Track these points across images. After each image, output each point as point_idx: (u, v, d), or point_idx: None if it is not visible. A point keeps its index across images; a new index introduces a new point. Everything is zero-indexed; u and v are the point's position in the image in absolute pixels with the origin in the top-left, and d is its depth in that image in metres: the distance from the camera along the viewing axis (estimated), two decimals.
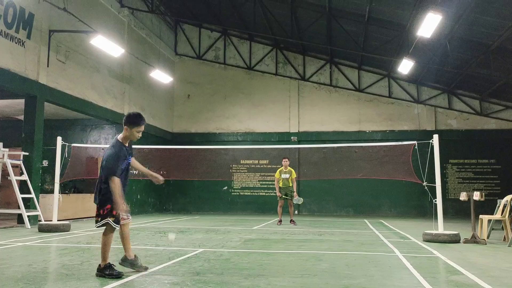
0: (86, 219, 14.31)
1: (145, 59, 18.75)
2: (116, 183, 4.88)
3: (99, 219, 5.03)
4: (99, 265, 5.07)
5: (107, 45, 13.32)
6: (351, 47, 18.08)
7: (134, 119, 5.19)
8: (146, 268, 5.35)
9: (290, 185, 12.99)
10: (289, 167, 13.11)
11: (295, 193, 13.09)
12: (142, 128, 5.23)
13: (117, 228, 5.13)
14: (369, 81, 20.64)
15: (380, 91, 20.51)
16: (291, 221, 13.00)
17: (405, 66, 15.44)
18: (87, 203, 14.77)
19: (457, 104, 20.01)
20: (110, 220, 5.01)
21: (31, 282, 4.68)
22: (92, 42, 13.10)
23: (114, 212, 5.00)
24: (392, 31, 15.34)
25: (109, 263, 5.04)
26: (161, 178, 5.49)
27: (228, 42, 21.80)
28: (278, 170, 13.22)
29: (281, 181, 13.00)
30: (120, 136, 5.21)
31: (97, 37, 12.87)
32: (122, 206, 4.91)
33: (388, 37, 15.90)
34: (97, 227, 5.08)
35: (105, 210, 5.00)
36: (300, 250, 7.57)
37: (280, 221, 13.12)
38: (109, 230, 5.08)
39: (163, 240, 8.69)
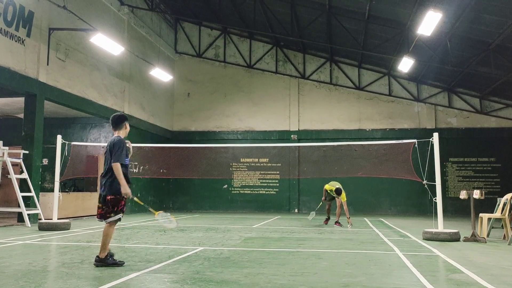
0: (86, 217, 14.32)
1: (145, 57, 18.74)
2: (120, 168, 5.46)
3: (112, 214, 5.52)
4: (98, 256, 5.49)
5: (107, 43, 13.30)
6: (351, 45, 18.05)
7: (125, 115, 5.97)
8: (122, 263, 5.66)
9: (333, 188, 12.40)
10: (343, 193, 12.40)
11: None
12: None
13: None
14: (369, 79, 20.62)
15: (380, 89, 20.50)
16: (336, 222, 12.42)
17: (405, 64, 15.43)
18: (87, 201, 14.77)
19: (457, 102, 19.99)
20: (121, 215, 5.62)
21: (31, 280, 4.68)
22: (92, 40, 13.08)
23: (125, 209, 5.64)
24: (392, 29, 15.32)
25: (109, 252, 5.47)
26: (127, 192, 5.55)
27: (228, 40, 21.77)
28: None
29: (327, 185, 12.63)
30: (121, 135, 5.78)
31: (97, 35, 12.85)
32: (128, 188, 5.51)
33: (388, 35, 15.88)
34: (108, 222, 5.54)
35: (120, 206, 5.57)
36: (300, 248, 7.58)
37: (327, 219, 12.82)
38: (115, 223, 5.61)
39: (163, 239, 8.69)
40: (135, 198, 5.72)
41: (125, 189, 5.46)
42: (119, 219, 5.61)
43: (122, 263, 5.56)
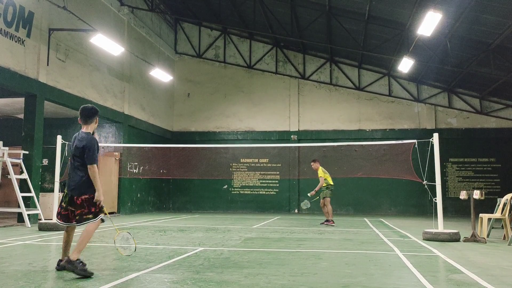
0: None
1: (145, 58, 18.74)
2: (97, 170, 5.14)
3: (91, 216, 5.13)
4: (68, 257, 4.91)
5: (107, 44, 13.31)
6: (351, 46, 18.05)
7: (97, 109, 5.44)
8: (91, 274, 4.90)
9: (324, 184, 12.59)
10: (320, 168, 12.59)
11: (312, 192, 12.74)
12: None
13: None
14: (369, 79, 20.63)
15: (380, 90, 20.50)
16: (330, 220, 12.40)
17: (405, 65, 15.43)
18: None
19: (457, 102, 20.00)
20: (102, 215, 5.21)
21: (31, 281, 4.68)
22: (92, 40, 13.09)
23: (102, 206, 5.21)
24: (392, 29, 15.32)
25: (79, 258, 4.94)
26: (101, 199, 5.18)
27: (228, 41, 21.78)
28: None
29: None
30: (89, 130, 5.31)
31: (97, 35, 12.85)
32: (102, 195, 5.15)
33: (388, 36, 15.88)
34: (85, 224, 5.16)
35: (97, 208, 5.17)
36: (300, 248, 7.58)
37: (327, 221, 12.61)
38: (98, 224, 5.22)
39: (163, 239, 8.69)
40: (104, 209, 5.21)
41: (100, 195, 5.09)
42: (103, 220, 5.20)
43: (91, 275, 4.85)
